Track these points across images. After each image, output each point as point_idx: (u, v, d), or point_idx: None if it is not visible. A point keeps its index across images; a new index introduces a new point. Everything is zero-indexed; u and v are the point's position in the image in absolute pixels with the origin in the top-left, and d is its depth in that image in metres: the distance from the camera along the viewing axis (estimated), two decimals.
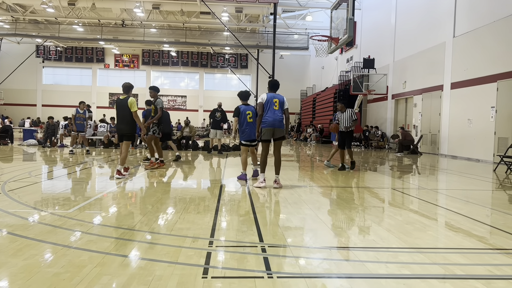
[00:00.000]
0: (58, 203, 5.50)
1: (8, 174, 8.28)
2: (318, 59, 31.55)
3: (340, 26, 17.58)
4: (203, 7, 27.09)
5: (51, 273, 2.91)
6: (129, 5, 28.79)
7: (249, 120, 8.20)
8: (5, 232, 3.95)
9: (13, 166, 9.90)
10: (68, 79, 43.12)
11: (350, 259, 3.45)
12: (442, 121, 17.13)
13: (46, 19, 33.79)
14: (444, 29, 16.95)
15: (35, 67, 41.92)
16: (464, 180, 9.56)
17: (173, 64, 43.53)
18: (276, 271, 3.09)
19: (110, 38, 35.41)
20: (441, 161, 14.53)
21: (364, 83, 22.51)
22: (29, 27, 34.44)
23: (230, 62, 43.80)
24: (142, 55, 43.34)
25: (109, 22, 34.45)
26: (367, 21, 26.38)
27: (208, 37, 35.80)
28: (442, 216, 5.41)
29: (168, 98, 43.55)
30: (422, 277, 3.03)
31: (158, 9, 29.30)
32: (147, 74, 43.46)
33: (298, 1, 26.63)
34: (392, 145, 20.89)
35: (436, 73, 17.56)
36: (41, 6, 28.10)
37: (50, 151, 15.22)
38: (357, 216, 5.14)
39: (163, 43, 37.15)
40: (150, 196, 6.27)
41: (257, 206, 5.56)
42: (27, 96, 42.13)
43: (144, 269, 3.05)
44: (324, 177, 9.39)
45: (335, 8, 18.43)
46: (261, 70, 32.38)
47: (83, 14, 31.83)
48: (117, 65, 43.37)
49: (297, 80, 42.74)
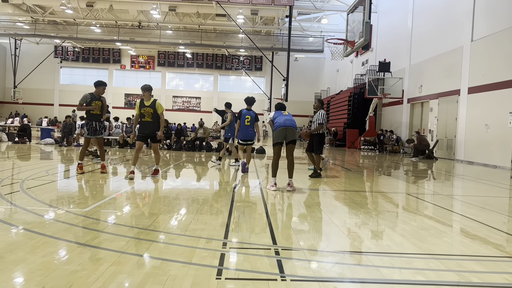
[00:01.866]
0: (74, 202, 5.59)
1: (26, 172, 8.44)
2: (333, 61, 31.51)
3: (356, 29, 17.50)
4: (219, 9, 27.25)
5: (68, 270, 2.96)
6: (146, 7, 29.10)
7: (247, 124, 9.48)
8: (23, 229, 4.03)
9: (31, 165, 10.09)
10: (85, 79, 43.72)
11: (364, 264, 3.43)
12: (458, 126, 16.91)
13: (64, 20, 34.37)
14: (461, 33, 16.75)
15: (53, 67, 42.64)
16: (480, 186, 9.43)
17: (188, 66, 43.84)
18: (289, 274, 3.09)
19: (127, 39, 35.84)
20: (457, 167, 14.34)
21: (379, 86, 22.36)
22: (48, 28, 35.07)
23: (244, 64, 43.93)
24: (157, 57, 43.74)
25: (126, 24, 34.87)
26: (383, 24, 26.21)
27: (223, 39, 35.97)
28: (457, 222, 5.34)
29: (183, 99, 43.85)
30: (437, 284, 3.00)
31: (174, 11, 29.56)
32: (163, 75, 43.84)
33: (313, 4, 26.60)
34: (407, 150, 20.69)
35: (453, 78, 17.35)
36: (60, 7, 28.59)
37: (67, 150, 15.45)
38: (371, 221, 5.11)
39: (179, 45, 37.47)
40: (165, 197, 6.32)
41: (271, 209, 5.56)
42: (44, 95, 42.85)
43: (159, 268, 3.08)
44: (338, 180, 9.35)
45: (351, 11, 18.36)
46: (275, 73, 32.44)
47: (100, 16, 32.29)
48: (133, 66, 43.85)
49: (311, 83, 42.66)
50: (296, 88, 36.87)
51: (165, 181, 8.20)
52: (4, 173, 8.27)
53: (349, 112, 27.21)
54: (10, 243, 3.55)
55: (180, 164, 11.39)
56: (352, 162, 15.19)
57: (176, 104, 43.82)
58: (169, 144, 17.79)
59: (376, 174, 11.17)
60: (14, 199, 5.51)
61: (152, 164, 10.61)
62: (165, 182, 8.08)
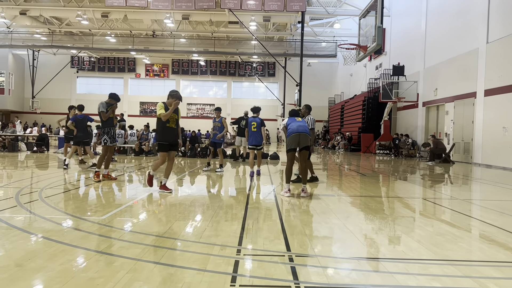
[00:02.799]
0: (91, 210, 5.68)
1: (44, 181, 8.60)
2: (346, 66, 31.38)
3: (369, 34, 17.45)
4: (231, 16, 27.45)
5: (86, 278, 3.02)
6: (160, 16, 29.49)
7: (253, 130, 10.18)
8: (42, 238, 4.11)
9: (49, 173, 10.27)
10: (101, 89, 44.46)
11: (379, 270, 3.41)
12: (475, 129, 16.66)
13: (80, 31, 35.04)
14: (476, 35, 16.55)
15: (70, 77, 43.45)
16: (499, 190, 9.26)
17: (201, 73, 44.20)
18: (304, 280, 3.09)
19: (141, 49, 36.35)
20: (475, 170, 14.12)
21: (393, 90, 22.19)
22: (64, 39, 35.81)
23: (257, 70, 44.10)
24: (172, 65, 44.22)
25: (140, 33, 35.39)
26: (396, 27, 26.06)
27: (236, 46, 36.20)
28: (475, 227, 5.27)
29: (197, 106, 44.18)
30: None
31: (188, 20, 29.89)
32: (177, 83, 44.27)
33: (326, 9, 26.59)
34: (423, 154, 20.44)
35: (468, 80, 17.13)
36: (76, 18, 29.17)
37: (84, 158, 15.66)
38: (386, 227, 5.07)
39: (192, 53, 37.85)
40: (179, 204, 6.38)
41: (285, 215, 5.57)
42: (62, 105, 43.53)
43: (174, 275, 3.12)
44: (352, 186, 9.30)
45: (363, 16, 18.33)
46: (288, 78, 32.47)
47: (115, 26, 32.85)
48: (148, 75, 44.40)
49: (325, 88, 42.58)
50: (310, 93, 36.80)
51: (180, 188, 8.27)
52: (24, 182, 8.45)
53: (364, 117, 27.05)
54: (30, 251, 3.64)
55: (195, 171, 11.47)
56: (367, 167, 15.08)
57: (190, 112, 44.16)
58: (183, 151, 17.92)
59: (391, 179, 11.07)
60: (33, 208, 5.63)
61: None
62: (180, 189, 8.15)
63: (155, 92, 43.65)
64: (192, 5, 24.30)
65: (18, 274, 3.06)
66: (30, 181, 8.62)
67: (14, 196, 6.51)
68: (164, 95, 8.60)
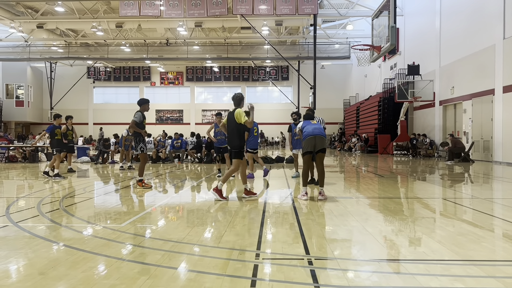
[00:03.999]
0: (110, 218, 5.75)
1: (64, 190, 8.75)
2: (360, 67, 31.19)
3: (382, 34, 17.32)
4: (243, 22, 27.57)
5: (108, 284, 3.06)
6: (173, 25, 29.80)
7: (255, 134, 10.37)
8: (64, 246, 4.18)
9: (69, 183, 10.45)
10: (117, 98, 45.05)
11: (400, 272, 3.37)
12: (495, 127, 16.35)
13: (96, 42, 35.64)
14: (493, 31, 16.27)
15: (86, 87, 44.16)
16: None
17: (215, 79, 44.43)
18: (324, 283, 3.08)
19: (156, 57, 36.75)
20: (496, 169, 13.84)
21: (409, 90, 21.94)
22: (80, 50, 36.46)
23: (271, 74, 44.11)
24: (186, 72, 44.57)
25: (154, 42, 35.80)
26: (410, 27, 25.81)
27: (249, 51, 36.30)
28: (498, 227, 5.16)
29: (212, 112, 44.40)
30: None
31: (200, 27, 30.12)
32: (191, 90, 44.59)
33: (338, 11, 26.49)
34: (441, 153, 20.14)
35: (486, 77, 16.84)
36: (91, 29, 29.67)
37: (102, 167, 15.91)
38: (406, 228, 5.01)
39: (206, 59, 38.08)
40: (197, 209, 6.41)
41: (302, 219, 5.54)
42: (79, 115, 44.28)
43: (194, 281, 3.13)
44: (370, 188, 9.21)
45: (376, 16, 18.21)
46: (302, 81, 32.40)
47: (129, 35, 33.30)
48: (163, 83, 44.83)
49: (339, 90, 42.34)
50: (324, 96, 36.65)
51: (198, 194, 8.31)
52: (44, 192, 8.61)
53: (380, 117, 26.79)
54: (52, 260, 3.70)
55: (211, 177, 11.52)
56: (385, 168, 14.93)
57: (205, 118, 44.39)
58: (200, 157, 18.03)
59: (410, 180, 10.93)
60: (54, 217, 5.72)
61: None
62: (198, 195, 8.19)
63: (170, 100, 44.04)
64: (205, 12, 24.49)
65: (41, 282, 3.12)
66: (51, 191, 8.77)
67: (36, 205, 6.64)
68: (179, 102, 8.79)
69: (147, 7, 24.62)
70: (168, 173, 13.22)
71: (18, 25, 28.74)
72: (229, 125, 7.53)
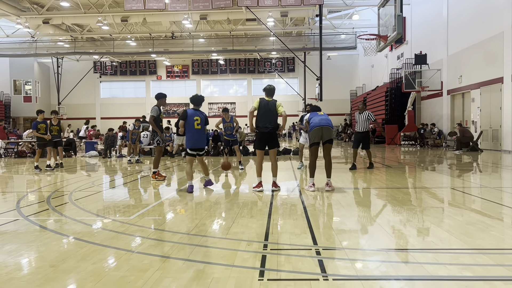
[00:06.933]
0: (119, 211, 5.80)
1: (73, 184, 8.83)
2: (367, 57, 30.93)
3: (389, 23, 17.14)
4: (248, 14, 27.42)
5: (117, 276, 3.09)
6: (178, 18, 29.71)
7: (197, 127, 7.52)
8: (74, 239, 4.23)
9: (77, 177, 10.53)
10: (124, 92, 45.21)
11: (409, 261, 3.37)
12: (504, 115, 16.18)
13: (101, 36, 35.68)
14: (501, 19, 16.04)
15: (93, 82, 44.34)
16: None
17: (221, 72, 44.37)
18: (332, 273, 3.08)
19: (161, 51, 36.74)
20: (505, 158, 13.72)
21: (416, 79, 21.75)
22: (86, 45, 36.54)
23: (277, 66, 43.96)
24: (192, 65, 44.54)
25: (159, 35, 35.76)
26: (416, 15, 25.52)
27: (254, 43, 36.14)
28: (506, 215, 5.13)
29: (218, 105, 44.40)
30: (486, 279, 2.90)
31: (206, 20, 30.01)
32: (197, 83, 44.58)
33: (343, 0, 26.25)
34: (449, 143, 19.99)
35: (494, 65, 16.64)
36: (97, 24, 29.67)
37: (110, 161, 16.01)
38: (414, 217, 4.99)
39: (211, 52, 38.02)
40: (205, 202, 6.44)
41: (310, 209, 5.55)
42: (86, 110, 44.56)
43: (202, 272, 3.16)
44: (378, 178, 9.19)
45: (382, 5, 18.01)
46: (308, 73, 32.23)
47: (135, 29, 33.30)
48: (169, 76, 44.87)
49: (345, 80, 42.08)
50: (331, 87, 36.40)
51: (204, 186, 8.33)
52: (54, 186, 8.69)
53: (387, 108, 26.62)
54: (62, 252, 3.74)
55: (218, 170, 11.55)
56: (393, 159, 14.86)
57: (212, 111, 44.40)
58: (207, 150, 18.06)
59: (418, 170, 10.88)
60: (64, 211, 5.78)
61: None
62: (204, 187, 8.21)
63: (177, 93, 44.06)
64: (209, 4, 24.40)
65: (52, 275, 3.16)
66: (61, 185, 8.85)
67: (46, 199, 6.71)
68: (185, 95, 8.78)
69: (152, 0, 24.57)
70: (176, 166, 13.28)
71: (24, 20, 28.82)
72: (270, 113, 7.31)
